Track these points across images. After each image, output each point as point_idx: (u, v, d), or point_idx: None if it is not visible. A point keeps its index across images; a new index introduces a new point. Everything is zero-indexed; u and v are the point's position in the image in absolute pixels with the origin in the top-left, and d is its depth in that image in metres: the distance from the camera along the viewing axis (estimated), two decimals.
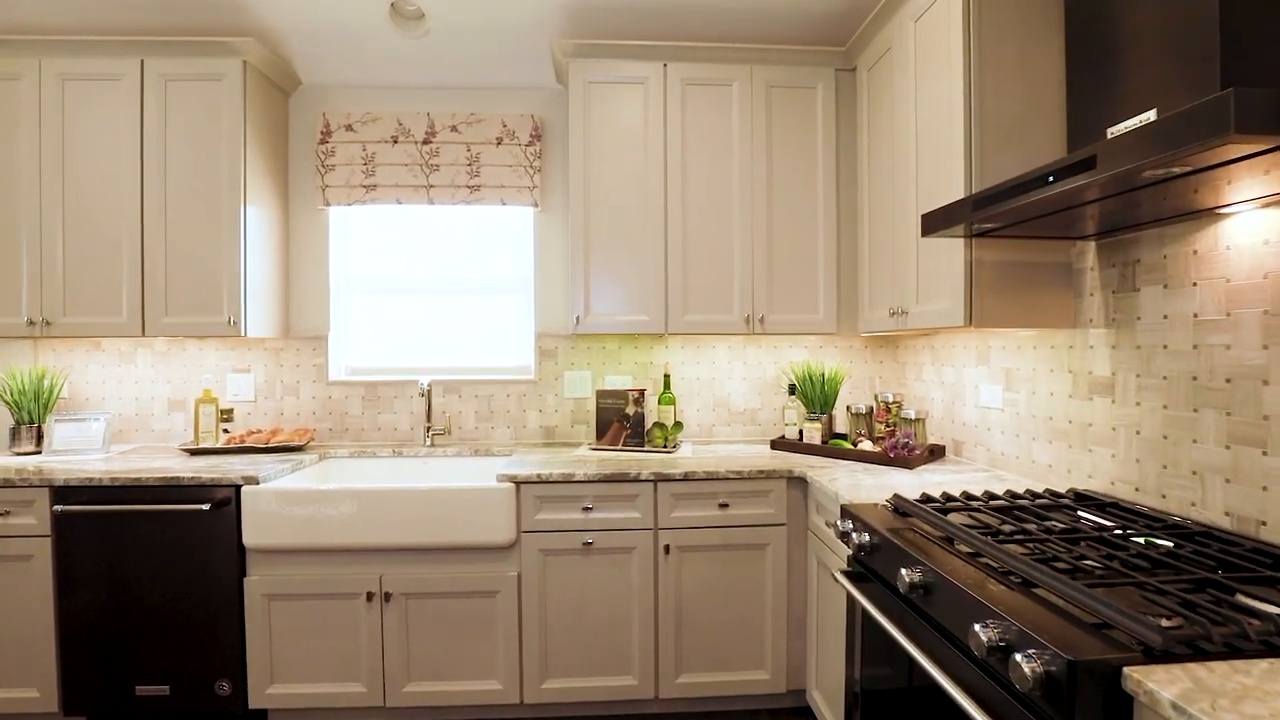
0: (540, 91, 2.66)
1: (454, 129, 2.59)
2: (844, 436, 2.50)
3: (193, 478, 2.00)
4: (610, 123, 2.36)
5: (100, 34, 2.34)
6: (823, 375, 2.49)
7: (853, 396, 2.72)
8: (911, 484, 1.84)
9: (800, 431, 2.47)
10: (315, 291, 2.67)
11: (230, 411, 2.52)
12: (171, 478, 2.00)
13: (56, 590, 2.03)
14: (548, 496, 2.03)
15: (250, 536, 1.99)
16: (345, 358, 2.74)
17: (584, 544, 2.03)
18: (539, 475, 2.01)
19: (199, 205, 2.32)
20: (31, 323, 2.31)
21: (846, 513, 1.55)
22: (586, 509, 2.03)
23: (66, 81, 2.30)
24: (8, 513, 2.03)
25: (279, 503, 1.98)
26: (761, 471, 2.06)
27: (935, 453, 2.24)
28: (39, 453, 2.41)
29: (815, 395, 2.48)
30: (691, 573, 2.07)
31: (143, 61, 2.30)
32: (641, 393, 2.42)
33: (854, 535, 1.43)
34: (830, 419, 2.50)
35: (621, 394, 2.44)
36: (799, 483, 2.10)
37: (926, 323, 1.87)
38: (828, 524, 1.87)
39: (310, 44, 2.43)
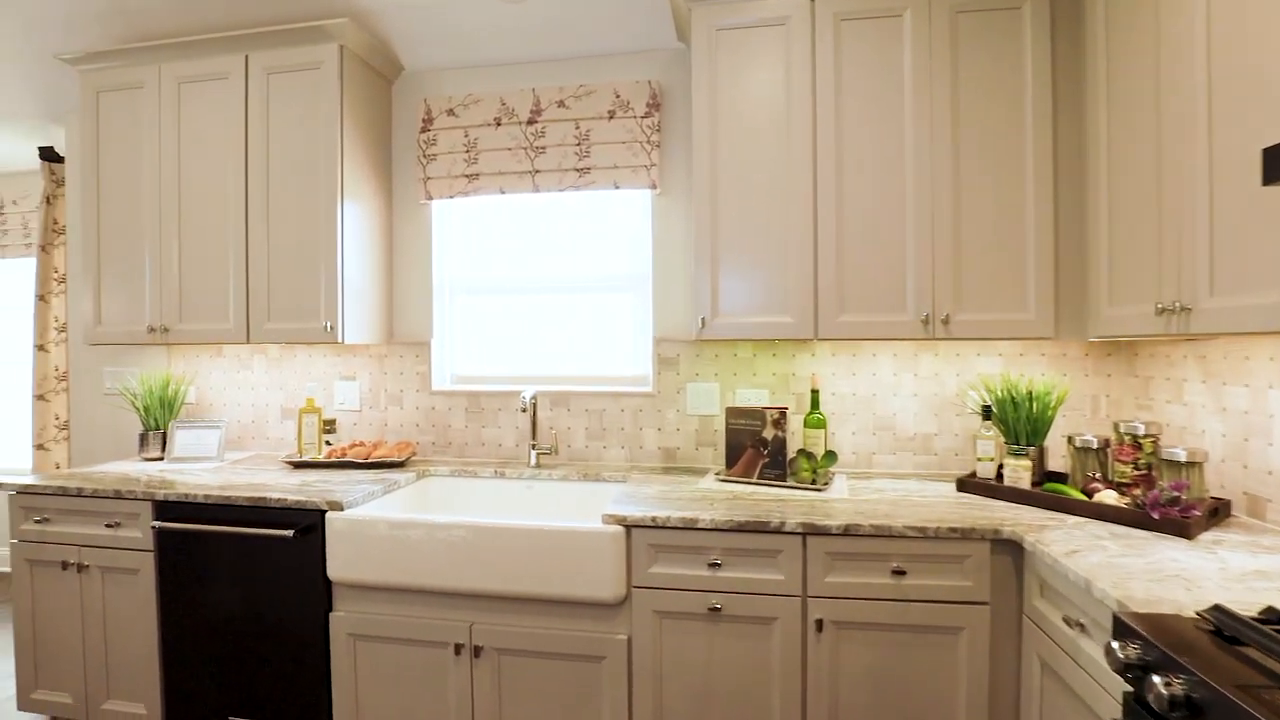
0: (658, 54, 2.26)
1: (561, 104, 2.25)
2: (1061, 478, 1.85)
3: (279, 500, 1.82)
4: (743, 78, 1.90)
5: (211, 32, 2.28)
6: (1029, 394, 1.86)
7: (1070, 424, 2.04)
8: (1206, 569, 1.21)
9: (1000, 469, 1.85)
10: (418, 293, 2.46)
11: (333, 422, 2.38)
12: (259, 499, 1.84)
13: (159, 608, 1.95)
14: (665, 545, 1.62)
15: (333, 569, 1.77)
16: (449, 365, 2.52)
17: (710, 609, 1.59)
18: (654, 519, 1.60)
19: (299, 204, 2.18)
20: (152, 329, 2.29)
21: (1127, 629, 0.98)
22: (714, 564, 1.59)
23: (182, 85, 2.26)
24: (118, 524, 1.98)
25: (360, 534, 1.74)
26: (954, 530, 1.50)
27: (1218, 512, 1.54)
28: (162, 459, 2.41)
29: (1019, 421, 1.85)
30: (853, 657, 1.56)
31: (247, 57, 2.20)
32: (782, 412, 1.94)
33: (1157, 683, 0.86)
34: (1042, 453, 1.85)
35: (756, 413, 1.97)
36: (1009, 548, 1.52)
37: (1230, 325, 1.22)
38: (1068, 621, 1.28)
39: (405, 20, 2.21)
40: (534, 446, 2.23)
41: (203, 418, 2.65)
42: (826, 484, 1.89)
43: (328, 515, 1.78)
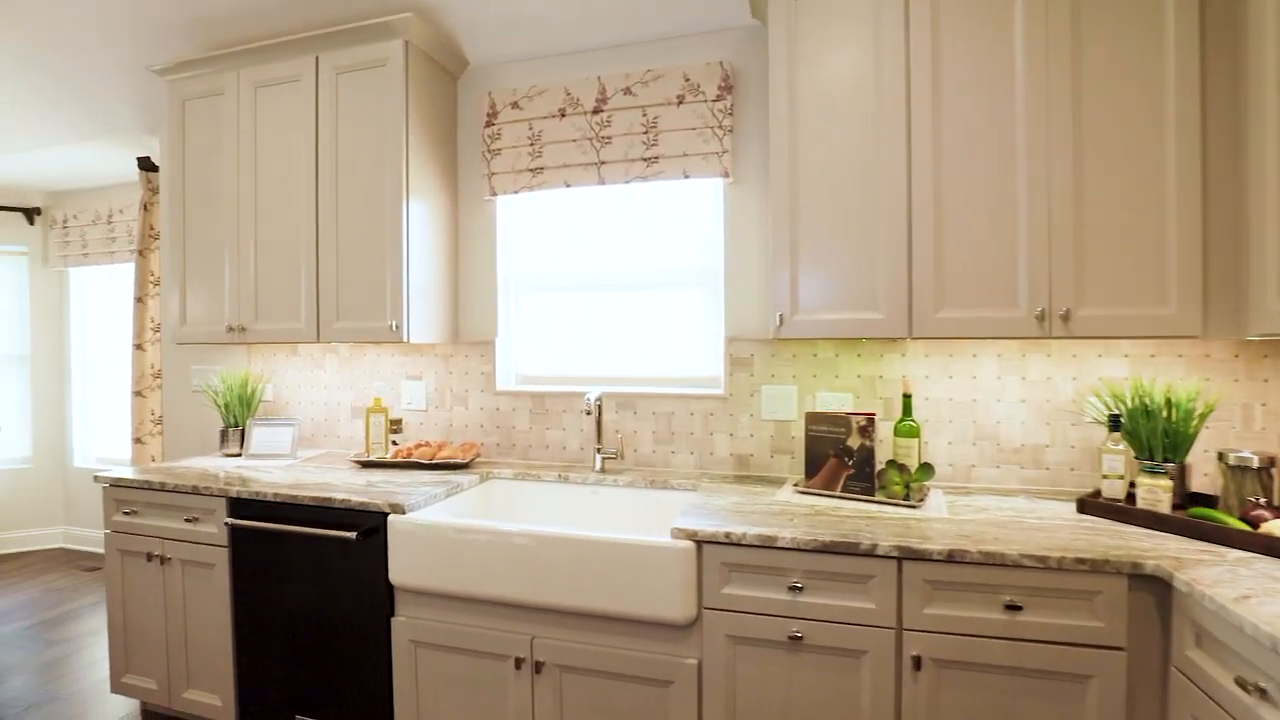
0: (730, 33, 2.11)
1: (627, 91, 2.15)
2: (1209, 501, 1.57)
3: (343, 501, 1.80)
4: (826, 54, 1.73)
5: (285, 35, 2.31)
6: (1168, 401, 1.59)
7: (1216, 437, 1.75)
8: None
9: (1131, 489, 1.60)
10: (482, 292, 2.42)
11: (399, 422, 2.36)
12: (324, 499, 1.83)
13: (233, 603, 1.98)
14: (740, 565, 1.48)
15: (395, 573, 1.73)
16: (514, 365, 2.46)
17: (790, 636, 1.43)
18: (727, 535, 1.46)
19: (365, 203, 2.17)
20: (230, 329, 2.35)
21: None
22: (794, 588, 1.43)
23: (259, 90, 2.30)
24: (196, 519, 2.02)
25: (421, 539, 1.69)
26: (1082, 560, 1.28)
27: None
28: (240, 455, 2.47)
29: (1154, 433, 1.59)
30: (956, 701, 1.36)
31: (317, 58, 2.21)
32: (870, 419, 1.75)
33: None
34: (1183, 472, 1.59)
35: (840, 419, 1.79)
36: (1153, 585, 1.28)
37: None
38: (1243, 683, 1.05)
39: (468, 11, 2.16)
40: (599, 450, 2.13)
41: (279, 415, 2.71)
42: (921, 500, 1.69)
43: (389, 518, 1.74)
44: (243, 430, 2.51)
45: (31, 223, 4.07)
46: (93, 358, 4.20)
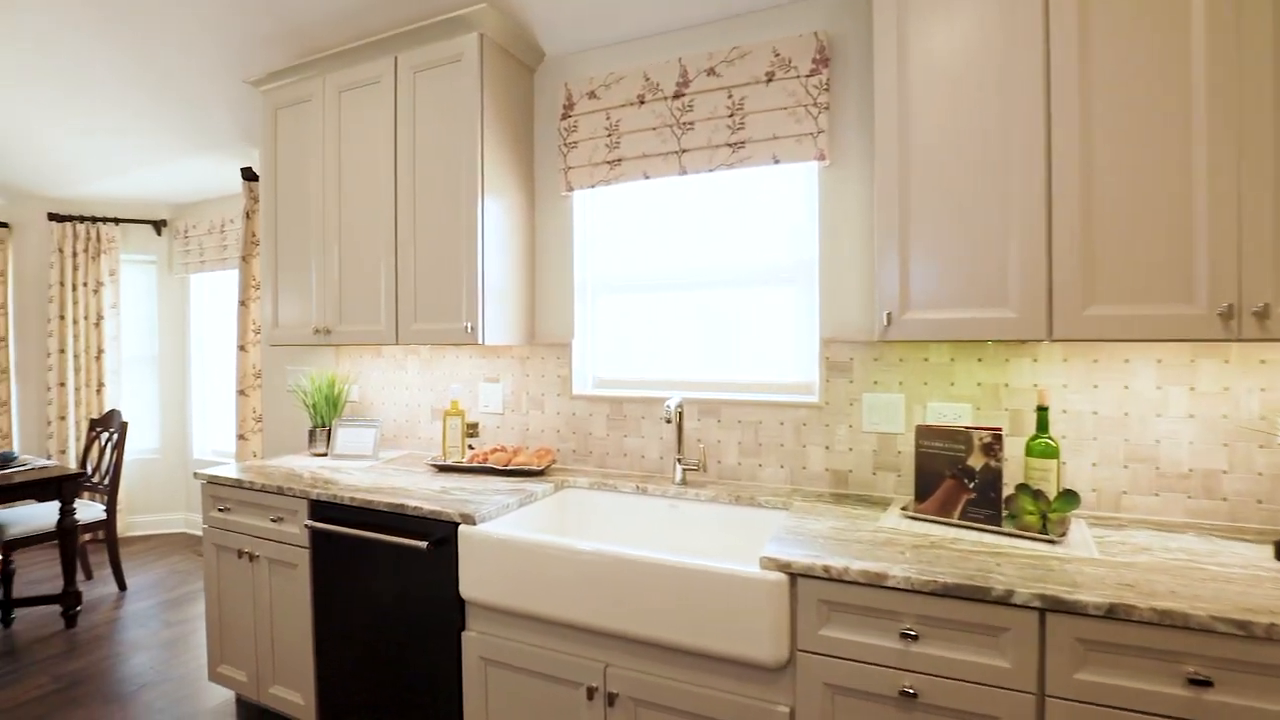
0: (825, 0, 1.89)
1: (710, 72, 1.98)
2: None
3: (415, 509, 1.75)
4: (943, 18, 1.49)
5: (367, 37, 2.31)
6: None
7: None
8: None
9: None
10: (559, 292, 2.33)
11: (475, 425, 2.32)
12: (397, 505, 1.78)
13: (313, 604, 1.99)
14: (841, 604, 1.28)
15: (465, 586, 1.65)
16: (591, 368, 2.36)
17: (902, 691, 1.22)
18: (826, 569, 1.27)
19: (442, 203, 2.13)
20: (316, 331, 2.39)
21: None
22: (908, 635, 1.21)
23: (342, 94, 2.32)
24: (281, 519, 2.05)
25: (491, 553, 1.60)
26: None
27: None
28: (326, 455, 2.51)
29: None
30: None
31: (396, 58, 2.19)
32: (996, 435, 1.49)
33: None
34: None
35: (959, 434, 1.54)
36: None
37: None
38: None
39: None
40: (679, 460, 1.98)
41: (363, 416, 2.75)
42: (1062, 534, 1.41)
43: (460, 529, 1.67)
44: (329, 430, 2.56)
45: (159, 234, 4.42)
46: (209, 358, 4.51)
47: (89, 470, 3.50)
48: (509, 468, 2.14)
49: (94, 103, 3.06)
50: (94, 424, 3.56)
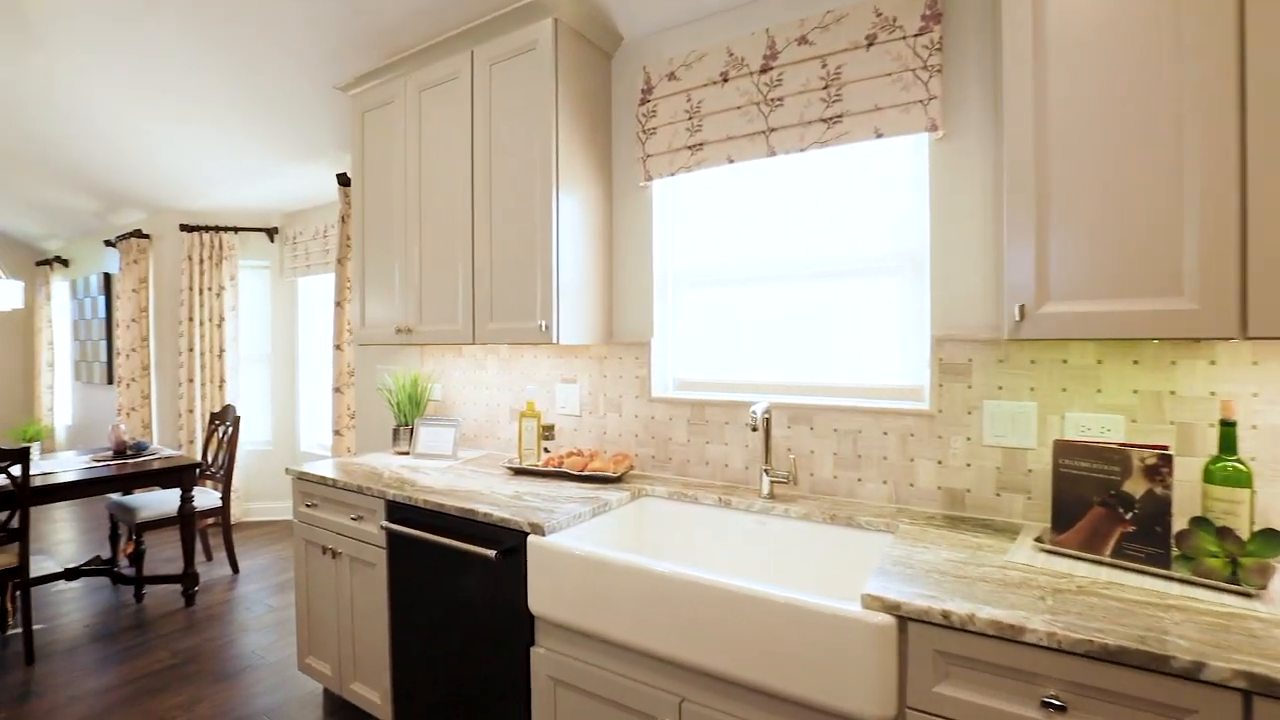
0: None
1: (802, 41, 1.78)
2: None
3: (485, 515, 1.68)
4: None
5: (445, 32, 2.29)
6: None
7: None
8: None
9: None
10: (637, 288, 2.20)
11: (551, 428, 2.24)
12: (467, 510, 1.72)
13: (389, 605, 1.98)
14: (964, 658, 1.06)
15: (533, 600, 1.56)
16: (671, 369, 2.22)
17: None
18: (945, 615, 1.05)
19: (516, 198, 2.06)
20: (399, 330, 2.40)
21: None
22: (1051, 705, 0.98)
23: (423, 93, 2.31)
24: (361, 518, 2.06)
25: (559, 567, 1.50)
26: None
27: None
28: (408, 454, 2.53)
29: None
30: None
31: (472, 52, 2.15)
32: (1163, 455, 1.21)
33: None
34: None
35: (1111, 452, 1.26)
36: None
37: None
38: None
39: None
40: (767, 471, 1.80)
41: (445, 415, 2.76)
42: (1261, 586, 1.11)
43: (529, 539, 1.58)
44: (411, 429, 2.57)
45: (271, 240, 4.73)
46: (314, 356, 4.78)
47: (208, 460, 3.78)
48: (584, 473, 2.04)
49: (207, 118, 3.28)
50: (213, 417, 3.84)
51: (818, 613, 1.15)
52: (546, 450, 2.31)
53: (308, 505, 2.24)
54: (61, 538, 4.40)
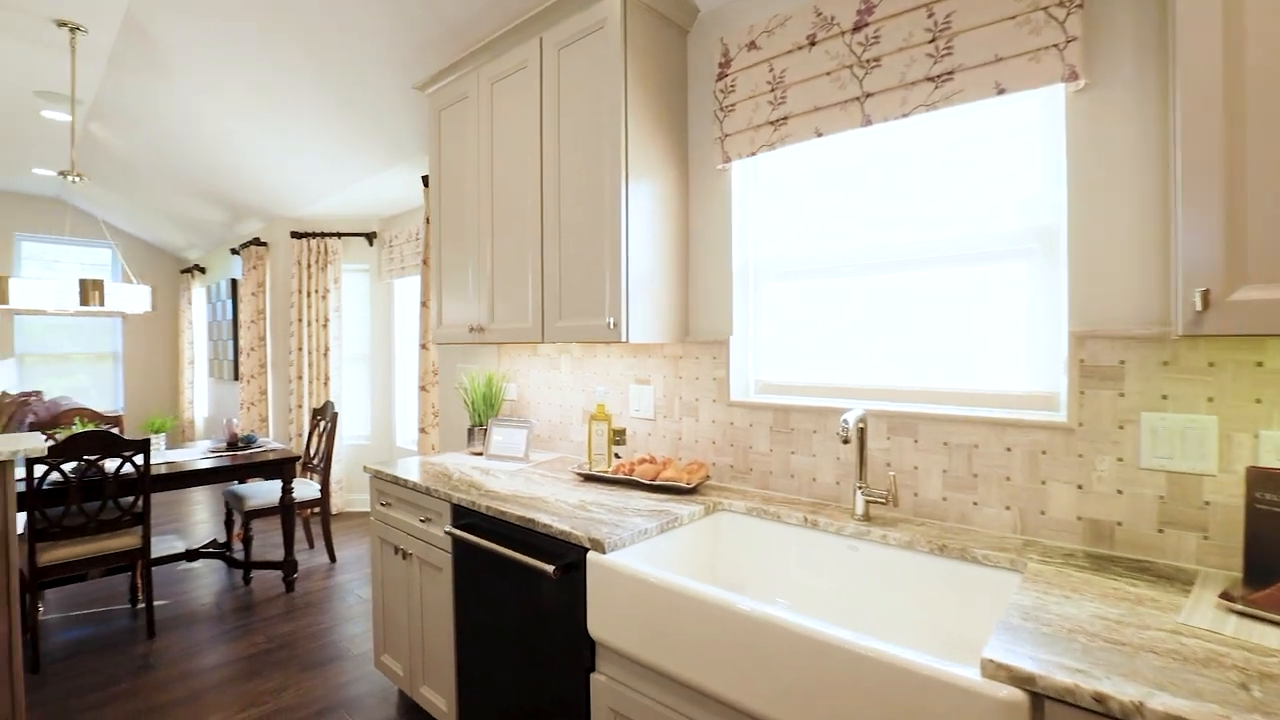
0: None
1: None
2: None
3: (545, 526, 1.57)
4: None
5: (513, 21, 2.21)
6: None
7: None
8: None
9: None
10: (715, 281, 2.02)
11: (622, 432, 2.10)
12: (528, 520, 1.62)
13: (454, 611, 1.92)
14: None
15: (593, 623, 1.43)
16: (752, 370, 2.02)
17: None
18: (1099, 697, 0.80)
19: (584, 189, 1.94)
20: (471, 329, 2.36)
21: None
22: None
23: (494, 85, 2.25)
24: (429, 520, 2.02)
25: (621, 589, 1.35)
26: None
27: None
28: (482, 454, 2.48)
29: None
30: None
31: (541, 39, 2.05)
32: None
33: None
34: None
35: None
36: None
37: None
38: None
39: None
40: (861, 488, 1.56)
41: (519, 416, 2.70)
42: None
43: (589, 556, 1.44)
44: (485, 429, 2.53)
45: (370, 244, 4.95)
46: (407, 356, 4.96)
47: (310, 453, 3.98)
48: (655, 482, 1.89)
49: (307, 130, 3.44)
50: (315, 413, 4.04)
51: (922, 676, 0.93)
52: (617, 456, 2.18)
53: (382, 504, 2.24)
54: (199, 519, 4.83)
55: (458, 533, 1.80)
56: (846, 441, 1.43)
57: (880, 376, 1.75)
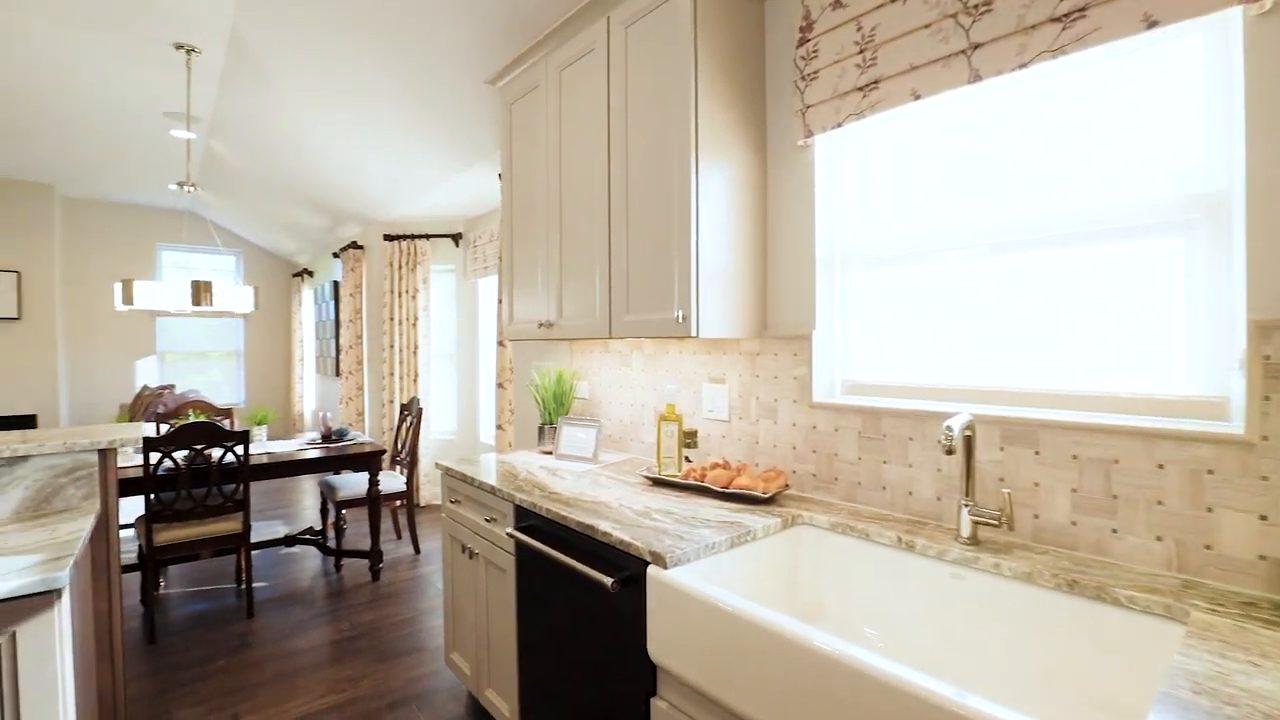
0: None
1: None
2: None
3: (604, 534, 1.46)
4: None
5: (581, 2, 2.13)
6: None
7: None
8: None
9: None
10: (797, 269, 1.84)
11: (694, 434, 1.97)
12: (587, 526, 1.52)
13: (517, 615, 1.85)
14: None
15: (653, 645, 1.30)
16: (838, 368, 1.82)
17: None
18: None
19: (652, 173, 1.81)
20: (540, 325, 2.30)
21: None
22: None
23: (563, 72, 2.17)
24: (494, 520, 1.97)
25: (683, 611, 1.22)
26: None
27: None
28: (551, 454, 2.42)
29: None
30: None
31: (608, 18, 1.95)
32: None
33: None
34: None
35: None
36: None
37: None
38: None
39: None
40: (967, 506, 1.34)
41: (589, 415, 2.62)
42: None
43: (649, 570, 1.32)
44: (555, 427, 2.47)
45: (456, 245, 5.09)
46: (490, 352, 5.05)
47: (398, 447, 4.12)
48: (728, 490, 1.74)
49: (389, 131, 3.54)
50: (402, 408, 4.18)
51: None
52: (688, 460, 2.04)
53: (452, 501, 2.22)
54: (306, 505, 5.15)
55: (519, 535, 1.73)
56: (950, 452, 1.21)
57: (989, 376, 1.51)
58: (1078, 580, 1.13)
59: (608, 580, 1.39)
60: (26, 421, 5.72)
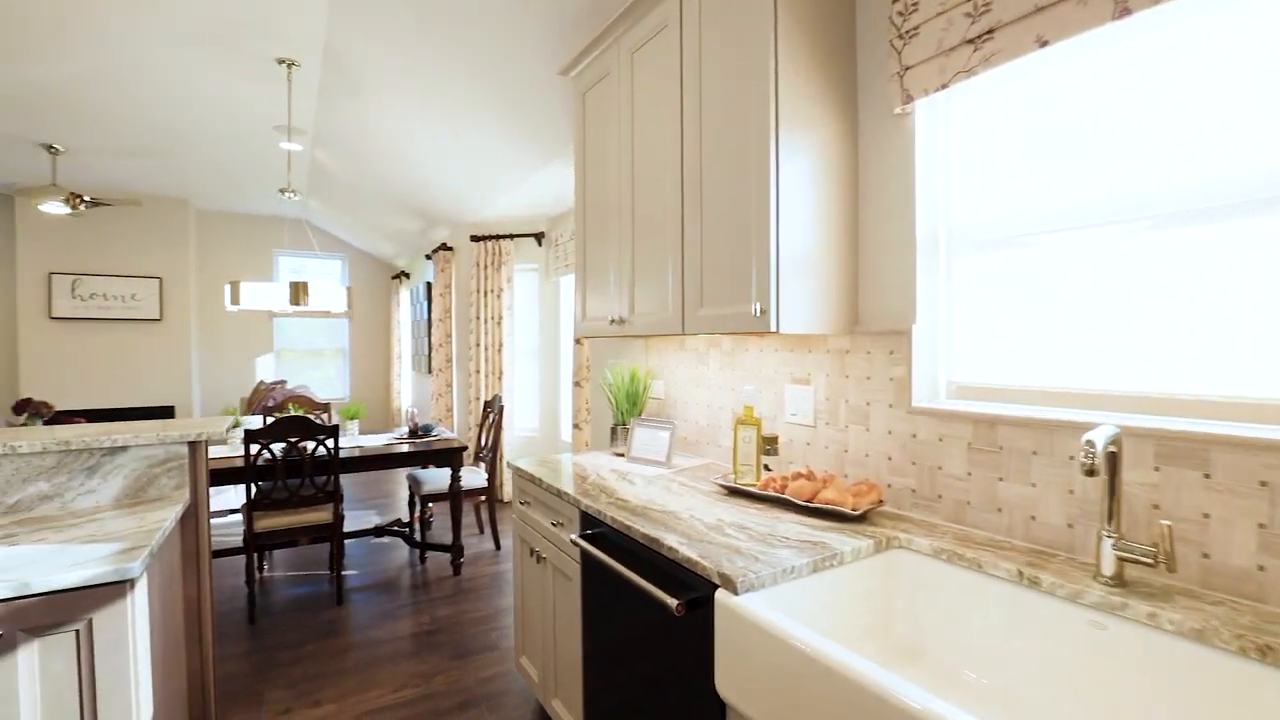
0: None
1: None
2: None
3: (670, 549, 1.33)
4: None
5: None
6: None
7: None
8: None
9: None
10: (893, 256, 1.62)
11: (774, 440, 1.79)
12: (653, 539, 1.39)
13: (582, 626, 1.76)
14: None
15: (721, 679, 1.15)
16: (943, 368, 1.59)
17: None
18: None
19: (728, 153, 1.66)
20: (612, 321, 2.20)
21: None
22: None
23: (634, 56, 2.06)
24: (561, 524, 1.89)
25: (757, 645, 1.06)
26: None
27: None
28: (624, 455, 2.32)
29: None
30: None
31: None
32: None
33: None
34: None
35: None
36: None
37: None
38: None
39: None
40: (1111, 538, 1.09)
41: (664, 415, 2.50)
42: None
43: (717, 595, 1.17)
44: (627, 428, 2.36)
45: (539, 244, 5.12)
46: (568, 350, 5.04)
47: (481, 444, 4.18)
48: (812, 504, 1.55)
49: (470, 131, 3.57)
50: (485, 406, 4.24)
51: None
52: (767, 468, 1.87)
53: (522, 502, 2.17)
54: (401, 497, 5.38)
55: (584, 544, 1.63)
56: (1092, 472, 0.98)
57: (1136, 380, 1.24)
58: (1272, 646, 0.87)
59: (672, 602, 1.26)
60: (166, 412, 6.35)
